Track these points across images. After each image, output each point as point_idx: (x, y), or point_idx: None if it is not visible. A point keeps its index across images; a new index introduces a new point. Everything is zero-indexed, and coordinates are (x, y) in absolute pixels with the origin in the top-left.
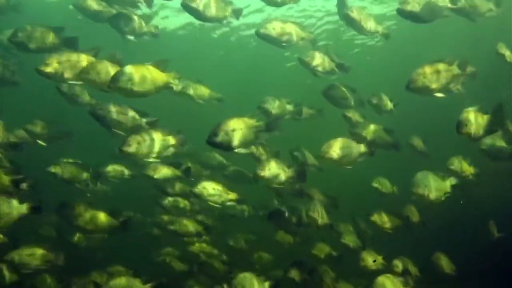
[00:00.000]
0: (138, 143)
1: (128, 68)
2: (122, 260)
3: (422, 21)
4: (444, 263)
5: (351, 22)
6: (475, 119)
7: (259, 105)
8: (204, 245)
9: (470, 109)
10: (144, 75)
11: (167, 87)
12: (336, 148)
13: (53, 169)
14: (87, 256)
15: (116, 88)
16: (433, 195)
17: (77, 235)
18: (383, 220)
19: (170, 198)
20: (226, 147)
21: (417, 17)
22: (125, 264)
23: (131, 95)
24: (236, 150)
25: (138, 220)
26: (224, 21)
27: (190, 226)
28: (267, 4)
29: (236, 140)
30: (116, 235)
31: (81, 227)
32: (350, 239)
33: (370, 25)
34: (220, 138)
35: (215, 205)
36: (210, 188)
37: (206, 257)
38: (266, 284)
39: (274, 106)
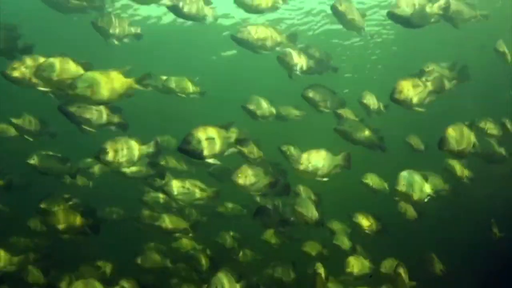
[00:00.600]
0: (115, 151)
1: (88, 74)
2: (110, 255)
3: (412, 26)
4: (434, 263)
5: (338, 15)
6: (460, 135)
7: (244, 105)
8: (189, 241)
9: (457, 124)
10: (105, 81)
11: (130, 93)
12: (311, 160)
13: (31, 161)
14: (76, 250)
15: (75, 95)
16: (416, 195)
17: None
18: (365, 221)
19: (153, 194)
20: (197, 156)
21: (407, 22)
22: (112, 259)
23: (91, 102)
24: (207, 160)
25: (125, 216)
26: (203, 20)
27: (175, 222)
28: (246, 11)
29: (207, 149)
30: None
31: (51, 225)
32: (342, 240)
33: (357, 21)
34: (192, 146)
35: (183, 203)
36: (180, 186)
37: (190, 254)
38: (240, 284)
39: (259, 107)
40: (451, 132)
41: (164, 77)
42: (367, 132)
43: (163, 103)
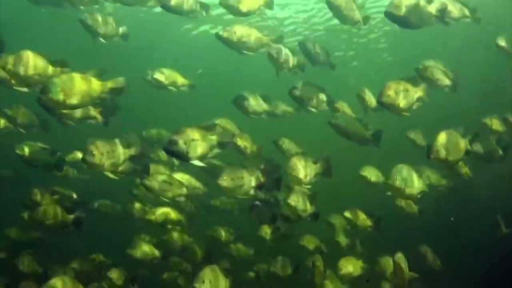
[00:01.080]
0: (102, 154)
1: (61, 78)
2: (105, 248)
3: (410, 26)
4: (430, 257)
5: (334, 9)
6: (450, 143)
7: (235, 101)
8: (183, 235)
9: (446, 131)
10: (78, 85)
11: (102, 97)
12: (301, 167)
13: (19, 151)
14: (69, 243)
15: (47, 100)
16: (409, 190)
17: None
18: (357, 218)
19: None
20: (183, 157)
21: (405, 22)
22: (107, 253)
23: (63, 107)
24: (192, 162)
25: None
26: (191, 15)
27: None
28: (233, 15)
29: (193, 151)
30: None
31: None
32: (343, 238)
33: (352, 14)
34: (178, 147)
35: (165, 199)
36: (161, 181)
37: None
38: (228, 279)
39: (250, 103)
40: (440, 140)
41: (154, 71)
42: (361, 128)
43: (159, 97)
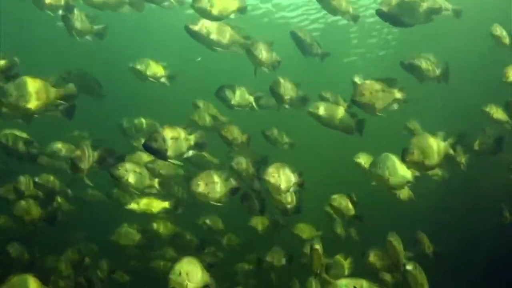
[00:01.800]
0: (87, 158)
1: (23, 82)
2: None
3: (402, 25)
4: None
5: (321, 1)
6: (427, 146)
7: (218, 94)
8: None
9: (423, 135)
10: (39, 90)
11: (56, 104)
12: (277, 174)
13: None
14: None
15: (8, 105)
16: (393, 180)
17: None
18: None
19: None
20: (161, 155)
21: (398, 21)
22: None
23: (24, 112)
24: (170, 160)
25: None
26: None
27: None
28: (203, 17)
29: (171, 149)
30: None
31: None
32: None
33: (342, 5)
34: (157, 144)
35: (135, 191)
36: (132, 171)
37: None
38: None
39: (234, 96)
40: (416, 143)
41: (134, 61)
42: (345, 116)
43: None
